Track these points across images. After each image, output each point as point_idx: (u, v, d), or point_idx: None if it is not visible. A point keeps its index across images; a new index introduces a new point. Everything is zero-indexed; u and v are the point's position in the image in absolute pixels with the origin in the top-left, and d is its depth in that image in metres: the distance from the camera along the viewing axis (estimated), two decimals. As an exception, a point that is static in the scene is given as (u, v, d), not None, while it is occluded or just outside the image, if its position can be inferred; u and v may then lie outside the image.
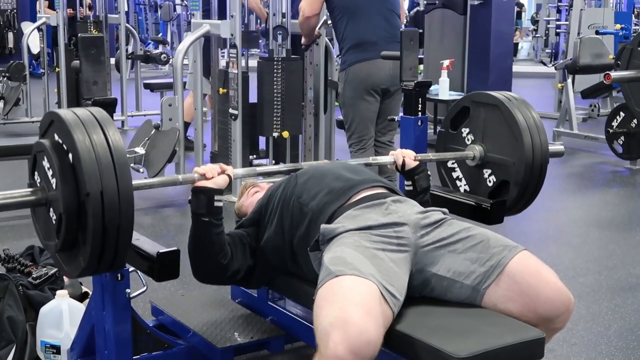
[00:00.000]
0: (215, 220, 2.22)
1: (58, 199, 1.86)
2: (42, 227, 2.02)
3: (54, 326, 2.65)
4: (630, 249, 4.34)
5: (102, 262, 1.88)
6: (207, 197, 2.20)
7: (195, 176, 2.23)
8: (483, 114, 2.71)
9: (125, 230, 1.86)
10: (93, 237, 1.82)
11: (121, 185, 1.83)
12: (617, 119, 6.51)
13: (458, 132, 2.79)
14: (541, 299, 2.02)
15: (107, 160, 1.83)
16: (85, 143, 1.83)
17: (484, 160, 2.70)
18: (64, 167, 1.85)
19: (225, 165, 2.29)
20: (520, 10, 18.17)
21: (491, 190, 2.67)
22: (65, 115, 1.88)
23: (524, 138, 2.56)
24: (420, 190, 2.55)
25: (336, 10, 4.41)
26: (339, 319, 1.81)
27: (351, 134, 4.43)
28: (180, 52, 5.28)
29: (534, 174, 2.58)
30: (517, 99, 2.69)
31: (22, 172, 4.98)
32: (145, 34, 15.50)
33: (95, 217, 1.81)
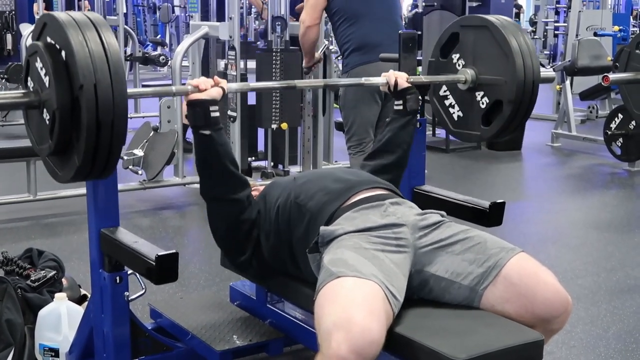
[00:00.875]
0: (214, 131, 2.21)
1: (51, 97, 1.84)
2: (35, 132, 2.00)
3: (52, 329, 2.65)
4: (628, 251, 4.34)
5: (96, 160, 1.86)
6: (203, 108, 2.19)
7: (188, 88, 2.21)
8: (472, 37, 2.69)
9: (119, 127, 1.84)
10: (87, 132, 1.80)
11: (115, 80, 1.81)
12: (615, 121, 6.52)
13: (448, 60, 2.76)
14: (539, 300, 2.02)
15: (101, 55, 1.81)
16: (78, 39, 1.81)
17: (475, 83, 2.67)
18: (56, 65, 1.84)
19: (219, 79, 2.28)
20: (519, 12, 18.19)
21: (484, 112, 2.65)
22: (59, 15, 1.87)
23: (514, 56, 2.54)
24: (410, 111, 2.61)
25: (337, 15, 4.41)
26: (341, 319, 1.81)
27: (350, 137, 4.43)
28: (179, 54, 5.28)
29: (526, 91, 2.56)
30: (507, 20, 2.66)
31: (21, 174, 5.00)
32: (144, 35, 15.51)
33: (88, 111, 1.79)
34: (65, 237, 4.44)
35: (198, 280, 3.75)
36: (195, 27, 5.35)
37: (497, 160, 6.97)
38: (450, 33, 2.76)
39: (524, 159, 7.20)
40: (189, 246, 4.43)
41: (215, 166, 2.25)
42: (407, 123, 2.61)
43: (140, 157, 5.15)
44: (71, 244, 4.26)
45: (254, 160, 5.81)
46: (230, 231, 2.35)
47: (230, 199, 2.30)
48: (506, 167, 6.79)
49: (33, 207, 4.96)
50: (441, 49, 2.79)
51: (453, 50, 2.74)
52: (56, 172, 1.99)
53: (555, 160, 7.24)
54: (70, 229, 4.61)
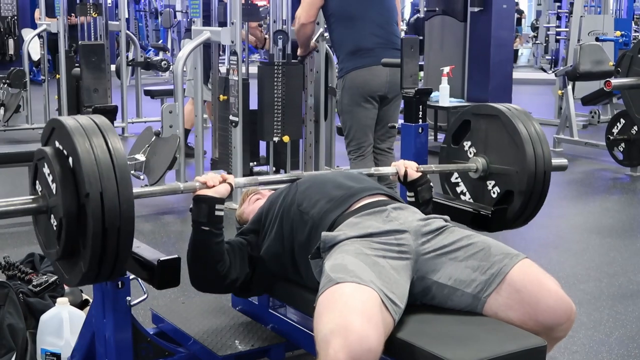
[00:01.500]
0: (215, 229, 2.22)
1: (58, 203, 1.86)
2: (43, 236, 2.02)
3: (54, 334, 2.64)
4: (631, 256, 4.34)
5: (103, 267, 1.88)
6: (209, 206, 2.20)
7: (196, 185, 2.23)
8: (484, 125, 2.71)
9: (125, 233, 1.85)
10: (93, 240, 1.82)
11: (121, 188, 1.83)
12: (617, 126, 6.51)
13: (460, 147, 2.79)
14: (542, 307, 2.01)
15: (107, 163, 1.84)
16: (85, 146, 1.83)
17: (487, 172, 2.69)
18: (64, 171, 1.86)
19: (227, 174, 2.29)
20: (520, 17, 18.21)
21: (496, 202, 2.67)
22: (66, 121, 1.89)
23: (525, 146, 2.56)
24: (422, 202, 2.54)
25: (332, 18, 4.42)
26: (339, 326, 1.81)
27: (349, 141, 4.43)
28: (181, 59, 5.28)
29: (537, 181, 2.58)
30: (517, 109, 2.68)
31: (22, 179, 5.00)
32: (146, 40, 15.53)
33: (95, 219, 1.81)
34: (67, 242, 4.43)
35: (200, 285, 3.75)
36: (197, 32, 5.35)
37: (498, 165, 6.96)
38: (462, 120, 2.79)
39: (525, 164, 7.18)
40: (190, 251, 4.42)
41: (204, 260, 2.27)
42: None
43: (142, 162, 5.15)
44: (73, 249, 4.25)
45: (255, 165, 5.80)
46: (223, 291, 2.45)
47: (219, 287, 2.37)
48: (508, 172, 6.77)
49: (35, 212, 4.95)
50: (453, 135, 2.81)
51: (464, 138, 2.76)
52: (64, 276, 2.01)
53: (557, 165, 7.22)
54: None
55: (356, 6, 4.35)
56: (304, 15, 4.51)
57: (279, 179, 2.59)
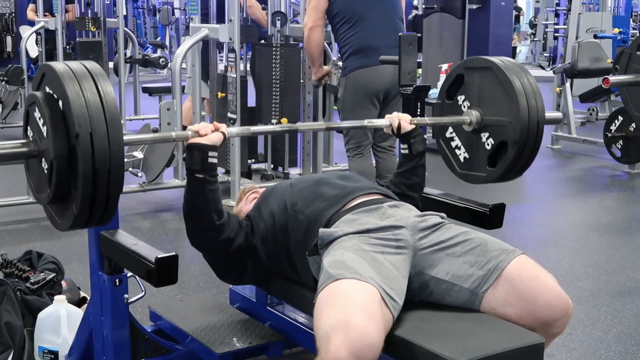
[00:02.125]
0: (209, 176, 2.21)
1: (49, 146, 1.85)
2: (34, 181, 2.01)
3: (52, 331, 2.64)
4: (629, 253, 4.34)
5: (94, 209, 1.87)
6: (201, 153, 2.19)
7: (189, 133, 2.21)
8: (477, 79, 2.69)
9: (116, 174, 1.84)
10: (84, 181, 1.81)
11: (111, 129, 1.82)
12: (615, 123, 6.51)
13: (454, 101, 2.76)
14: (539, 303, 2.02)
15: (97, 104, 1.82)
16: (74, 89, 1.82)
17: (481, 125, 2.67)
18: (54, 114, 1.85)
19: (219, 123, 2.28)
20: (519, 14, 18.20)
21: (490, 154, 2.65)
22: (56, 66, 1.88)
23: (518, 97, 2.53)
24: (416, 154, 2.57)
25: (338, 16, 4.40)
26: (340, 322, 1.81)
27: (349, 140, 4.43)
28: (179, 56, 5.28)
29: (531, 132, 2.55)
30: (511, 61, 2.66)
31: (20, 176, 4.98)
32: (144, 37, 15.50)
33: (85, 159, 1.80)
34: (65, 240, 4.43)
35: (198, 283, 3.75)
36: (195, 29, 5.34)
37: (497, 163, 6.96)
38: (455, 75, 2.77)
39: (524, 161, 7.18)
40: (188, 249, 4.39)
41: (200, 211, 2.25)
42: (415, 166, 2.58)
43: (140, 160, 5.14)
44: (71, 247, 4.25)
45: (253, 162, 5.80)
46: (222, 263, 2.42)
47: (214, 242, 2.33)
48: (506, 170, 6.77)
49: (32, 209, 4.95)
50: (447, 90, 2.80)
51: (458, 92, 2.75)
52: (56, 220, 2.00)
53: (555, 162, 7.24)
54: (70, 231, 4.60)
55: (361, 5, 4.34)
56: (310, 20, 4.49)
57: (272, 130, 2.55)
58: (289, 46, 5.28)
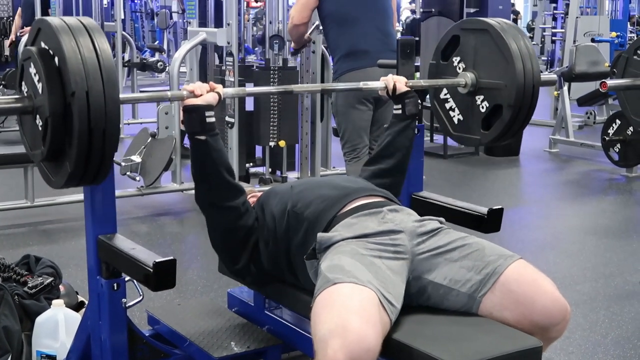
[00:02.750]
0: (210, 136, 2.20)
1: (44, 103, 1.84)
2: (28, 137, 2.00)
3: (49, 336, 2.64)
4: (627, 257, 4.34)
5: (89, 167, 1.86)
6: (198, 113, 2.18)
7: (184, 93, 2.20)
8: (473, 40, 2.68)
9: (111, 132, 1.83)
10: (79, 138, 1.80)
11: (107, 87, 1.81)
12: (613, 127, 6.52)
13: (449, 62, 2.75)
14: (537, 307, 2.01)
15: (93, 62, 1.81)
16: (71, 45, 1.81)
17: (476, 87, 2.66)
18: (49, 70, 1.84)
19: (215, 84, 2.28)
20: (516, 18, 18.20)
21: (484, 117, 2.64)
22: (52, 21, 1.87)
23: (514, 60, 2.53)
24: (409, 115, 2.58)
25: (327, 19, 4.40)
26: (338, 326, 1.81)
27: (345, 143, 4.43)
28: (177, 60, 5.28)
29: (526, 95, 2.55)
30: (507, 23, 2.65)
31: (18, 180, 4.99)
32: (142, 41, 15.50)
33: (80, 117, 1.79)
34: (63, 244, 4.43)
35: (196, 287, 3.75)
36: (193, 33, 5.35)
37: (495, 166, 6.97)
38: (451, 36, 2.75)
39: (521, 164, 7.20)
40: (186, 253, 4.43)
41: (210, 172, 2.24)
42: (406, 127, 2.59)
43: (138, 164, 5.15)
44: (68, 251, 4.25)
45: (252, 166, 5.81)
46: (226, 238, 2.34)
47: (225, 206, 2.28)
48: (504, 173, 6.79)
49: (30, 213, 4.95)
50: (442, 51, 2.79)
51: (454, 53, 2.74)
52: (50, 177, 1.99)
53: (553, 166, 7.24)
54: (68, 236, 4.60)
55: (352, 7, 4.34)
56: (297, 17, 4.49)
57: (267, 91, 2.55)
58: (287, 69, 5.30)
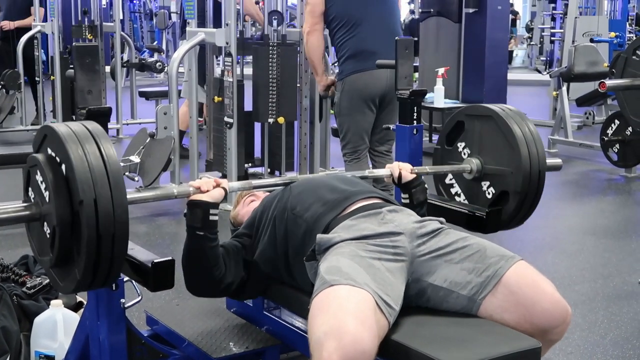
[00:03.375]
0: (210, 234, 2.20)
1: (51, 211, 1.84)
2: (36, 243, 2.01)
3: (48, 336, 2.64)
4: (625, 257, 4.34)
5: (98, 273, 1.87)
6: (203, 210, 2.19)
7: (190, 189, 2.22)
8: (478, 126, 2.70)
9: (120, 239, 1.84)
10: (87, 247, 1.81)
11: (115, 194, 1.82)
12: (612, 127, 6.52)
13: (454, 148, 2.78)
14: (538, 310, 2.01)
15: (100, 169, 1.83)
16: (77, 153, 1.82)
17: (481, 173, 2.69)
18: (57, 179, 1.85)
19: (221, 178, 2.28)
20: (515, 18, 18.24)
21: (491, 203, 2.66)
22: (58, 128, 1.88)
23: (520, 146, 2.55)
24: (417, 204, 2.53)
25: (334, 21, 4.40)
26: (333, 328, 1.81)
27: (345, 144, 4.42)
28: (176, 60, 5.27)
29: (532, 181, 2.57)
30: (511, 109, 2.68)
31: (17, 181, 4.96)
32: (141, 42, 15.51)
33: (89, 226, 1.79)
34: (62, 244, 4.42)
35: (194, 287, 3.74)
36: (192, 33, 5.34)
37: (493, 167, 6.96)
38: (455, 121, 2.78)
39: (520, 165, 7.19)
40: (185, 253, 4.41)
41: (199, 265, 2.25)
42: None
43: (137, 164, 5.13)
44: (67, 251, 4.24)
45: (250, 166, 5.80)
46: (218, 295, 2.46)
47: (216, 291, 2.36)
48: (503, 173, 6.77)
49: (29, 213, 4.94)
50: (447, 136, 2.81)
51: (458, 139, 2.76)
52: (58, 283, 1.99)
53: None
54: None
55: (358, 9, 4.33)
56: (307, 25, 4.48)
57: (273, 183, 2.58)
58: (285, 45, 5.29)
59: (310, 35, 4.50)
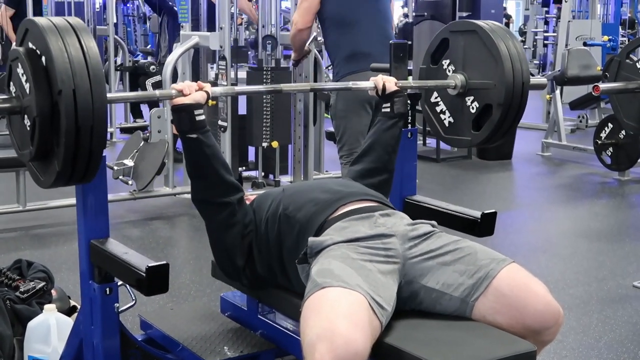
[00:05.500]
0: (201, 134, 2.20)
1: (32, 103, 1.85)
2: (17, 138, 2.01)
3: (41, 341, 2.63)
4: (619, 260, 4.35)
5: (77, 166, 1.86)
6: (188, 112, 2.18)
7: (172, 92, 2.20)
8: (462, 42, 2.68)
9: (98, 130, 1.84)
10: (66, 137, 1.80)
11: (94, 86, 1.82)
12: (605, 130, 6.54)
13: (439, 66, 2.75)
14: (529, 311, 2.01)
15: (80, 60, 1.82)
16: (57, 44, 1.82)
17: (465, 88, 2.66)
18: (36, 70, 1.84)
19: (204, 82, 2.27)
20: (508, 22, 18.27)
21: (475, 117, 2.64)
22: (39, 21, 1.88)
23: (503, 60, 2.53)
24: (397, 114, 2.58)
25: (328, 22, 4.40)
26: (325, 330, 1.80)
27: (342, 146, 4.42)
28: (170, 64, 5.27)
29: (515, 94, 2.55)
30: (496, 24, 2.66)
31: (9, 184, 4.98)
32: (134, 45, 15.48)
33: (67, 116, 1.79)
34: (55, 248, 4.42)
35: (189, 291, 3.74)
36: (186, 37, 5.34)
37: (487, 170, 6.98)
38: (440, 39, 2.76)
39: (514, 168, 7.21)
40: (179, 257, 4.41)
41: (204, 169, 2.24)
42: (392, 125, 2.58)
43: (131, 167, 5.13)
44: (61, 255, 4.24)
45: (244, 170, 5.80)
46: (222, 236, 2.33)
47: (219, 202, 2.28)
48: (497, 177, 6.80)
49: (22, 217, 4.94)
50: (432, 55, 2.79)
51: (443, 56, 2.74)
52: (38, 176, 2.00)
53: (545, 169, 7.26)
54: (60, 240, 4.59)
55: (352, 10, 4.34)
56: (300, 21, 4.48)
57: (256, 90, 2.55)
58: (279, 70, 5.30)
59: (301, 33, 4.53)
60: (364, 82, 2.68)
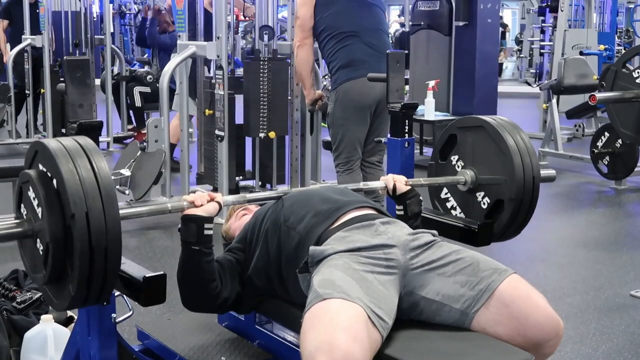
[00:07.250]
0: (205, 248, 2.19)
1: (44, 227, 1.83)
2: (29, 260, 1.99)
3: (38, 351, 2.62)
4: (616, 269, 4.35)
5: (91, 288, 1.85)
6: (197, 225, 2.17)
7: (184, 204, 2.20)
8: (470, 138, 2.70)
9: (112, 252, 1.83)
10: (80, 260, 1.79)
11: (107, 207, 1.81)
12: (602, 139, 6.55)
13: (448, 162, 2.78)
14: (531, 323, 2.01)
15: (92, 182, 1.81)
16: (68, 167, 1.81)
17: (475, 184, 2.68)
18: (48, 194, 1.83)
19: (214, 192, 2.27)
20: (505, 31, 18.32)
21: (487, 213, 2.66)
22: (49, 144, 1.87)
23: (512, 154, 2.55)
24: (411, 215, 2.52)
25: (324, 33, 4.42)
26: (324, 343, 1.80)
27: (339, 154, 4.42)
28: (167, 74, 5.27)
29: (526, 189, 2.57)
30: (503, 119, 2.68)
31: (7, 194, 4.96)
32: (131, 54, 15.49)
33: (81, 239, 1.78)
34: (52, 258, 4.40)
35: (186, 301, 3.72)
36: (183, 46, 5.34)
37: (484, 179, 6.97)
38: (448, 135, 2.78)
39: (511, 177, 7.20)
40: (176, 267, 4.39)
41: (195, 282, 2.24)
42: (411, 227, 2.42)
43: (128, 177, 5.12)
44: (57, 265, 4.22)
45: (241, 179, 5.79)
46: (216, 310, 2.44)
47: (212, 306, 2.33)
48: (494, 186, 6.79)
49: (19, 227, 4.91)
50: (440, 151, 2.81)
51: (452, 152, 2.76)
52: (53, 300, 1.97)
53: (543, 179, 7.25)
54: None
55: (347, 20, 4.36)
56: (297, 39, 4.53)
57: (267, 196, 2.57)
58: (276, 60, 5.30)
59: (300, 49, 4.53)
60: (374, 183, 2.65)
